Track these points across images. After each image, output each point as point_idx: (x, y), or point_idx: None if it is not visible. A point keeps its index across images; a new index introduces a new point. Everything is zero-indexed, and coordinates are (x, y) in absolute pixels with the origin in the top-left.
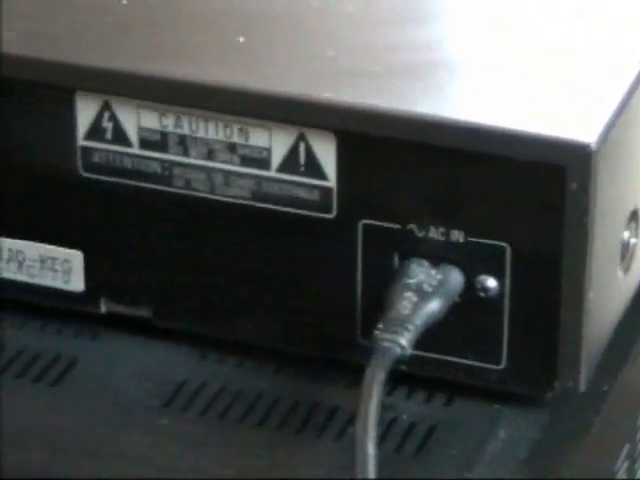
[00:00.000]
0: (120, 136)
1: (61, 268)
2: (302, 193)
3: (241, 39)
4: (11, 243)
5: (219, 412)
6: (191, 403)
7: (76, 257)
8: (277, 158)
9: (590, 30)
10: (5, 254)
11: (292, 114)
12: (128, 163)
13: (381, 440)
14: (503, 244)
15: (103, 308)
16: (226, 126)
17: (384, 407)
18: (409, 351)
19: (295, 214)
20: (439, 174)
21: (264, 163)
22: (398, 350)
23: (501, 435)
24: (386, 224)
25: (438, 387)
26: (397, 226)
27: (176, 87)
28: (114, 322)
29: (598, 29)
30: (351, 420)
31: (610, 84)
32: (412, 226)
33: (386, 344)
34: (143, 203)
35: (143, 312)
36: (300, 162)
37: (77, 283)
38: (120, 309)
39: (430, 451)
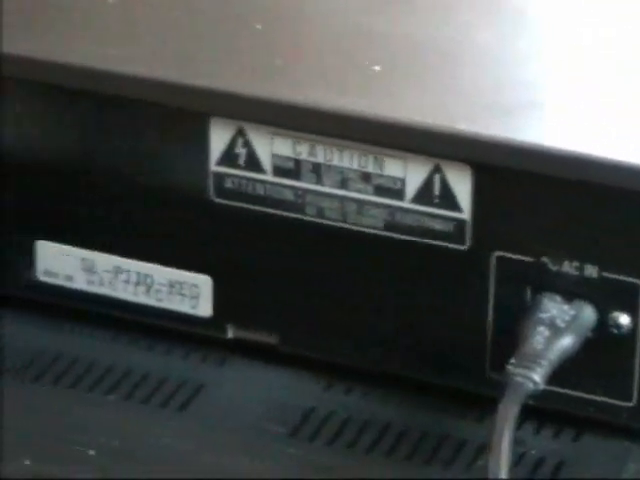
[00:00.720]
0: (253, 163)
1: (189, 293)
2: (436, 224)
3: (376, 68)
4: (140, 266)
5: (347, 442)
6: (318, 432)
7: (205, 282)
8: (411, 189)
9: None
10: (134, 277)
11: (428, 145)
12: (260, 190)
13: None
14: (637, 281)
15: (230, 334)
16: (361, 155)
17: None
18: (542, 386)
19: (428, 245)
20: (574, 207)
21: (398, 193)
22: (531, 385)
23: (630, 472)
24: (519, 257)
25: (567, 422)
26: (530, 259)
27: (311, 115)
28: (240, 348)
29: None
30: (480, 452)
31: None
32: (546, 259)
33: (519, 379)
34: (274, 230)
35: (270, 339)
36: (434, 193)
37: (205, 308)
38: (247, 335)
39: None
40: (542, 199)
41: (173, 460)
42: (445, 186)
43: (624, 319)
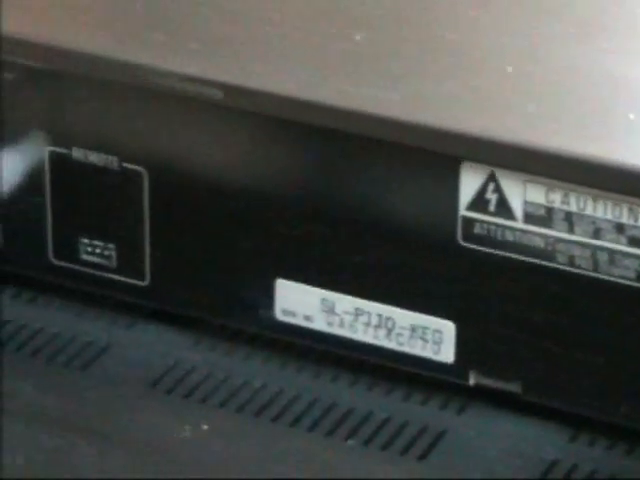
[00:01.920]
0: (504, 209)
1: (432, 338)
2: None
3: (631, 116)
4: (382, 309)
5: None
6: None
7: (448, 328)
8: None
9: None
10: (374, 320)
11: None
12: (510, 236)
13: None
14: None
15: (472, 381)
16: (615, 205)
17: None
18: None
19: None
20: None
21: None
22: None
23: None
24: None
25: None
26: None
27: (565, 163)
28: (482, 395)
29: None
30: None
31: None
32: None
33: None
34: (521, 277)
35: (512, 387)
36: None
37: (447, 354)
38: (489, 382)
39: None
40: None
41: None
42: None
43: None
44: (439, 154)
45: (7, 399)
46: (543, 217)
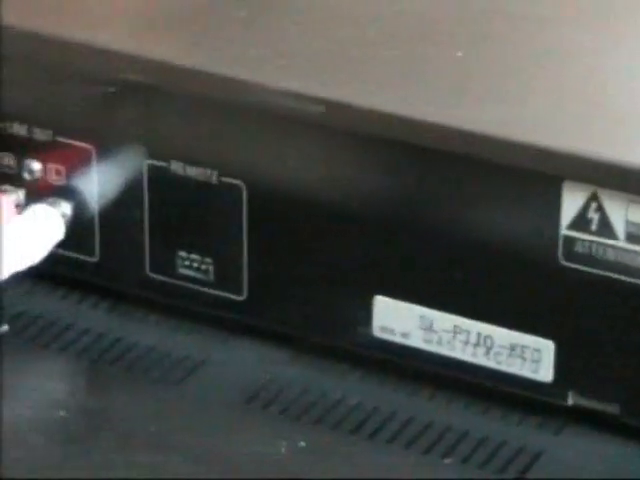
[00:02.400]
0: (606, 228)
1: (530, 357)
2: None
3: None
4: (480, 327)
5: None
6: None
7: (547, 347)
8: None
9: None
10: (473, 338)
11: None
12: (612, 256)
13: None
14: None
15: (570, 401)
16: None
17: None
18: None
19: None
20: None
21: None
22: None
23: None
24: None
25: None
26: None
27: None
28: (579, 416)
29: None
30: None
31: None
32: None
33: None
34: (622, 297)
35: (610, 408)
36: None
37: (545, 373)
38: (587, 403)
39: None
40: None
41: None
42: None
43: None
44: (541, 173)
45: (101, 414)
46: None
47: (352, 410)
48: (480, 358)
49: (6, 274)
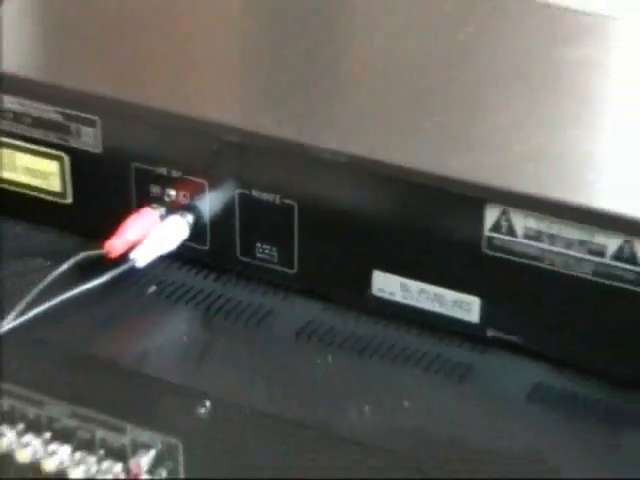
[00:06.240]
0: (511, 230)
1: (466, 307)
2: None
3: None
4: (438, 290)
5: None
6: None
7: (475, 301)
8: None
9: None
10: (432, 296)
11: None
12: (515, 247)
13: None
14: None
15: (489, 334)
16: (577, 229)
17: None
18: None
19: None
20: None
21: None
22: None
23: None
24: None
25: None
26: None
27: (546, 205)
28: (496, 344)
29: None
30: None
31: None
32: None
33: None
34: (522, 271)
35: (515, 339)
36: None
37: (474, 317)
38: (500, 335)
39: None
40: None
41: None
42: None
43: None
44: (475, 198)
45: (209, 343)
46: (535, 235)
47: (359, 338)
48: (437, 307)
49: (154, 257)
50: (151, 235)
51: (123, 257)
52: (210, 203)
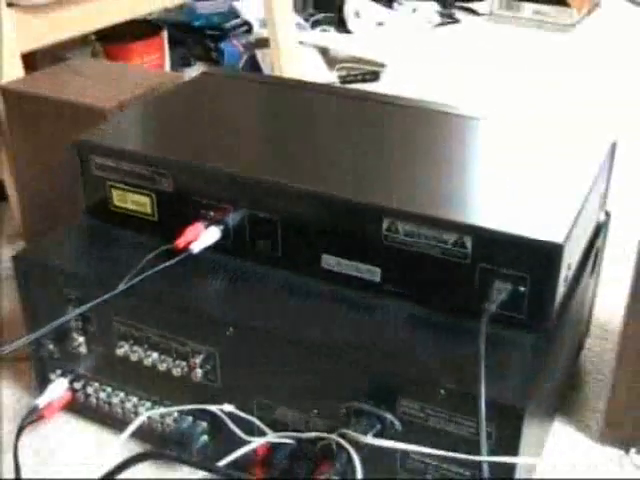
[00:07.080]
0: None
1: (373, 272)
2: None
3: None
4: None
5: None
6: None
7: (377, 271)
8: None
9: None
10: (362, 269)
11: None
12: (403, 240)
13: None
14: None
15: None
16: None
17: None
18: None
19: None
20: None
21: None
22: None
23: None
24: None
25: None
26: None
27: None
28: (385, 289)
29: None
30: None
31: None
32: None
33: None
34: (413, 255)
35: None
36: None
37: (376, 277)
38: (388, 287)
39: None
40: None
41: None
42: None
43: None
44: (378, 213)
45: (264, 312)
46: (410, 233)
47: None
48: (357, 273)
49: (202, 248)
50: (200, 236)
51: (185, 249)
52: (232, 220)
